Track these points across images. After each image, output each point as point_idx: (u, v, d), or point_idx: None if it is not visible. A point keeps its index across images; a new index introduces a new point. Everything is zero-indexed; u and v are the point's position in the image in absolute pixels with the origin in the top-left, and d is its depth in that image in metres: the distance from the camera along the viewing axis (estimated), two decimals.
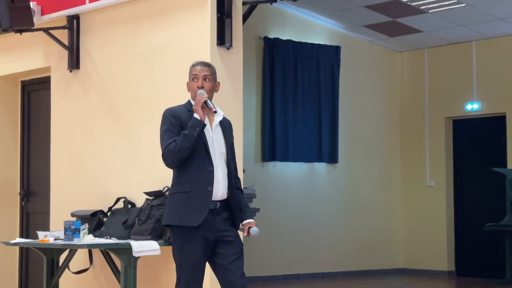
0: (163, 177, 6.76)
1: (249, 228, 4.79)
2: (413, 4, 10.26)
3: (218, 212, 4.63)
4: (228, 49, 6.59)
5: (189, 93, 4.78)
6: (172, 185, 4.69)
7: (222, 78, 6.57)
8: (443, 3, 10.17)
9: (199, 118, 4.56)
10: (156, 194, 6.65)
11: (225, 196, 4.66)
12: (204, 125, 4.58)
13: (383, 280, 11.39)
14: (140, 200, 6.84)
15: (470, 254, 11.66)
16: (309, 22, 11.35)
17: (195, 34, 6.67)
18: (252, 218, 4.85)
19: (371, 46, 12.13)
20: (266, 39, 10.86)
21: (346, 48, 11.70)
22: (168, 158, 4.55)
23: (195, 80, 4.73)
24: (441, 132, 11.94)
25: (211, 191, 4.57)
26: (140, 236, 6.51)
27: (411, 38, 11.70)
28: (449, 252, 11.77)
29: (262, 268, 10.66)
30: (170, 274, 6.70)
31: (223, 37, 6.56)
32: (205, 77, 4.74)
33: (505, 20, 10.63)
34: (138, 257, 6.36)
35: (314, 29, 11.42)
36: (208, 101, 4.64)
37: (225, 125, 4.79)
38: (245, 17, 6.90)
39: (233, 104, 6.59)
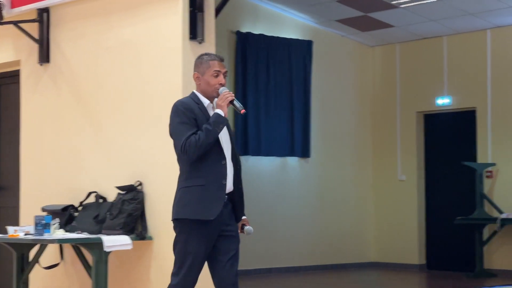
0: (134, 171, 6.74)
1: (243, 226, 4.79)
2: None
3: (225, 205, 4.59)
4: (200, 43, 6.57)
5: (199, 85, 4.67)
6: (184, 179, 4.56)
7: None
8: None
9: (223, 115, 4.52)
10: (128, 189, 6.63)
11: (231, 189, 4.63)
12: (227, 122, 4.58)
13: (355, 273, 11.44)
14: (111, 195, 6.80)
15: (440, 248, 11.74)
16: (281, 16, 11.35)
17: (167, 28, 6.64)
18: (245, 215, 4.83)
19: (343, 41, 12.16)
20: (239, 33, 10.84)
21: (318, 42, 11.71)
22: (190, 151, 4.43)
23: (217, 76, 4.63)
24: (412, 126, 12.01)
25: (225, 185, 4.54)
26: (112, 230, 6.48)
27: (383, 32, 11.74)
28: (420, 246, 11.85)
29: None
30: (141, 269, 6.68)
31: (195, 31, 6.54)
32: (224, 74, 4.68)
33: (476, 16, 10.70)
34: (110, 252, 6.33)
35: (286, 23, 11.42)
36: (236, 100, 4.61)
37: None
38: (218, 11, 6.89)
39: None
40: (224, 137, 4.61)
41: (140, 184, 6.67)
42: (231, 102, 4.57)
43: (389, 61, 12.33)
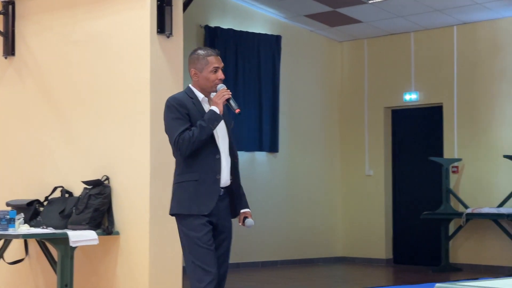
0: (101, 166, 6.70)
1: (245, 218, 4.76)
2: None
3: (221, 198, 4.58)
4: (168, 37, 6.55)
5: (197, 81, 4.62)
6: (178, 174, 4.55)
7: (162, 66, 6.53)
8: None
9: (218, 113, 4.51)
10: (95, 183, 6.59)
11: (228, 183, 4.61)
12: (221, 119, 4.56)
13: (323, 268, 11.49)
14: (77, 189, 6.76)
15: (407, 242, 11.83)
16: (250, 11, 11.34)
17: (135, 22, 6.61)
18: (249, 208, 4.83)
19: (312, 36, 12.18)
20: (207, 28, 10.81)
21: (287, 37, 11.72)
22: (183, 147, 4.43)
23: (215, 71, 4.61)
24: (380, 121, 12.07)
25: (219, 179, 4.53)
26: (78, 225, 6.44)
27: (351, 28, 11.78)
28: (387, 240, 11.92)
29: None
30: (107, 265, 6.64)
31: (163, 25, 6.51)
32: (222, 69, 4.65)
33: (443, 12, 10.78)
34: (75, 247, 6.29)
35: (255, 18, 11.41)
36: (232, 99, 4.60)
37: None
38: (186, 5, 6.87)
39: (173, 92, 6.54)
40: (221, 131, 4.61)
41: (107, 178, 6.64)
42: (227, 100, 4.56)
43: (357, 56, 12.38)
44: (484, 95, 10.98)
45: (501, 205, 10.45)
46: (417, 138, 11.85)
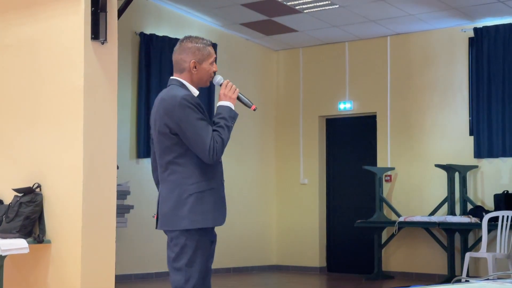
0: (33, 173, 6.59)
1: None
2: (288, 3, 10.40)
3: None
4: (102, 43, 6.48)
5: (195, 73, 4.24)
6: (194, 182, 4.03)
7: (96, 73, 6.46)
8: (317, 4, 10.35)
9: (233, 108, 4.19)
10: (26, 191, 6.48)
11: None
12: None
13: (256, 276, 11.50)
14: (8, 197, 6.63)
15: (341, 251, 11.93)
16: (185, 18, 11.32)
17: (68, 28, 6.52)
18: None
19: (248, 44, 12.22)
20: (142, 35, 10.75)
21: (223, 45, 11.73)
22: (219, 152, 4.01)
23: (213, 63, 4.25)
24: (314, 130, 12.16)
25: (224, 185, 4.20)
26: (8, 234, 6.32)
27: (287, 37, 11.86)
28: (321, 249, 12.01)
29: (136, 266, 10.55)
30: (38, 274, 6.53)
31: (97, 32, 6.44)
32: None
33: (376, 22, 10.93)
34: (5, 256, 6.16)
35: (191, 25, 11.39)
36: (241, 94, 4.26)
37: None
38: (121, 12, 6.82)
39: (108, 99, 6.49)
40: None
41: (39, 186, 6.53)
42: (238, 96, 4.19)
43: (292, 65, 12.46)
44: (417, 105, 11.17)
45: (432, 213, 10.62)
46: (351, 147, 11.97)
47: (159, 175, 4.18)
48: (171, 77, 4.26)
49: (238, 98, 4.22)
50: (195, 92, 4.19)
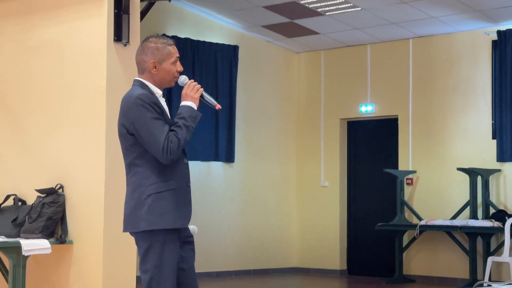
0: (55, 174, 6.63)
1: None
2: (310, 6, 10.39)
3: None
4: (125, 45, 6.51)
5: (155, 74, 4.12)
6: (151, 183, 3.95)
7: (118, 75, 6.49)
8: (340, 6, 10.34)
9: (196, 108, 4.06)
10: (48, 192, 6.52)
11: None
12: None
13: (277, 279, 11.49)
14: (31, 198, 6.68)
15: (361, 253, 11.89)
16: (207, 20, 11.34)
17: (92, 30, 6.56)
18: None
19: (269, 47, 12.22)
20: (164, 37, 10.77)
21: (244, 48, 11.74)
22: (174, 151, 3.89)
23: (175, 63, 4.15)
24: (336, 133, 12.13)
25: (190, 186, 4.11)
26: (31, 234, 6.36)
27: (308, 39, 11.85)
28: (342, 252, 11.97)
29: None
30: (60, 274, 6.56)
31: (120, 34, 6.48)
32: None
33: (399, 25, 10.90)
34: (28, 256, 6.20)
35: (212, 28, 11.41)
36: (205, 93, 4.14)
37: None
38: (143, 14, 6.86)
39: None
40: None
41: (61, 187, 6.57)
42: (201, 95, 4.10)
43: (314, 68, 12.44)
44: (439, 108, 11.12)
45: (454, 217, 10.56)
46: (372, 149, 11.94)
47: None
48: (134, 78, 4.17)
49: (202, 98, 4.12)
50: (158, 92, 4.10)
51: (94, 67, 6.52)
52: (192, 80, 4.15)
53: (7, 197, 6.82)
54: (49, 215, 6.41)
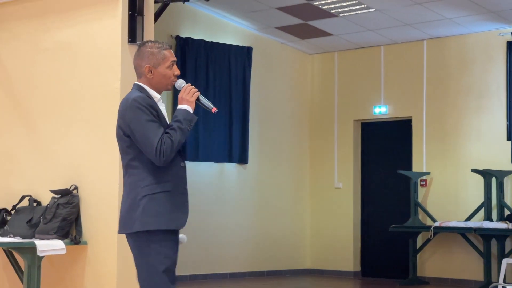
0: (70, 175, 6.65)
1: None
2: (324, 7, 10.39)
3: None
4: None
5: (151, 78, 4.12)
6: (147, 185, 3.99)
7: (132, 76, 6.50)
8: (353, 8, 10.33)
9: (191, 112, 4.08)
10: (63, 192, 6.54)
11: None
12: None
13: (290, 280, 11.48)
14: (46, 199, 6.70)
15: (375, 255, 11.87)
16: (221, 22, 11.35)
17: (106, 31, 6.59)
18: None
19: (283, 48, 12.22)
20: (178, 38, 10.80)
21: (258, 49, 11.75)
22: (167, 154, 3.92)
23: (171, 67, 4.14)
24: (349, 134, 12.12)
25: (187, 189, 4.13)
26: (45, 235, 6.39)
27: (322, 41, 11.84)
28: (355, 253, 11.96)
29: None
30: (75, 274, 6.59)
31: (134, 35, 6.50)
32: (176, 63, 4.21)
33: (413, 26, 10.87)
34: (43, 257, 6.23)
35: (226, 29, 11.43)
36: (202, 96, 4.16)
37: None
38: (157, 15, 6.88)
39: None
40: None
41: (76, 188, 6.59)
42: (197, 98, 4.12)
43: (327, 69, 12.43)
44: (453, 109, 11.09)
45: (468, 218, 10.53)
46: (386, 151, 11.91)
47: None
48: (134, 82, 4.23)
49: (198, 101, 4.14)
50: (156, 96, 4.14)
51: (108, 68, 6.54)
52: (189, 84, 4.16)
53: (22, 198, 6.85)
54: (63, 216, 6.43)
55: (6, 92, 7.28)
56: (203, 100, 4.15)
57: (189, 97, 4.11)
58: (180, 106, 4.09)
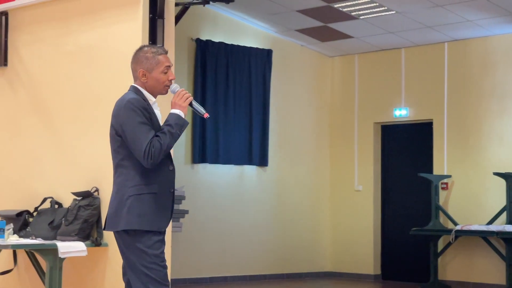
0: (91, 177, 6.68)
1: None
2: (344, 10, 10.37)
3: None
4: None
5: (145, 82, 4.20)
6: (133, 186, 4.08)
7: None
8: (374, 10, 10.30)
9: (183, 117, 4.15)
10: (84, 195, 6.57)
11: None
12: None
13: (310, 283, 11.47)
14: (67, 201, 6.74)
15: (395, 258, 11.82)
16: (241, 24, 11.36)
17: (127, 34, 6.61)
18: None
19: (303, 50, 12.21)
20: (198, 41, 10.83)
21: (278, 51, 11.75)
22: (155, 156, 4.00)
23: (166, 72, 4.21)
24: (369, 137, 12.09)
25: (173, 193, 4.20)
26: (67, 236, 6.42)
27: (342, 43, 11.82)
28: (375, 256, 11.92)
29: (190, 270, 10.61)
30: (96, 276, 6.61)
31: (155, 38, 6.52)
32: (171, 68, 4.26)
33: (434, 29, 10.83)
34: (64, 258, 6.26)
35: (246, 32, 11.44)
36: (195, 101, 4.22)
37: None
38: (178, 18, 6.90)
39: (165, 106, 6.54)
40: None
41: (97, 190, 6.62)
42: (190, 103, 4.19)
43: (347, 71, 12.41)
44: (474, 112, 11.03)
45: (490, 222, 10.46)
46: (406, 154, 11.87)
47: None
48: (131, 84, 4.32)
49: (191, 106, 4.21)
50: (151, 99, 4.22)
51: (129, 71, 6.52)
52: (183, 89, 4.22)
53: (44, 200, 6.90)
54: (85, 218, 6.46)
55: (29, 95, 7.33)
56: (196, 105, 4.21)
57: (181, 102, 4.18)
58: (172, 111, 4.16)
